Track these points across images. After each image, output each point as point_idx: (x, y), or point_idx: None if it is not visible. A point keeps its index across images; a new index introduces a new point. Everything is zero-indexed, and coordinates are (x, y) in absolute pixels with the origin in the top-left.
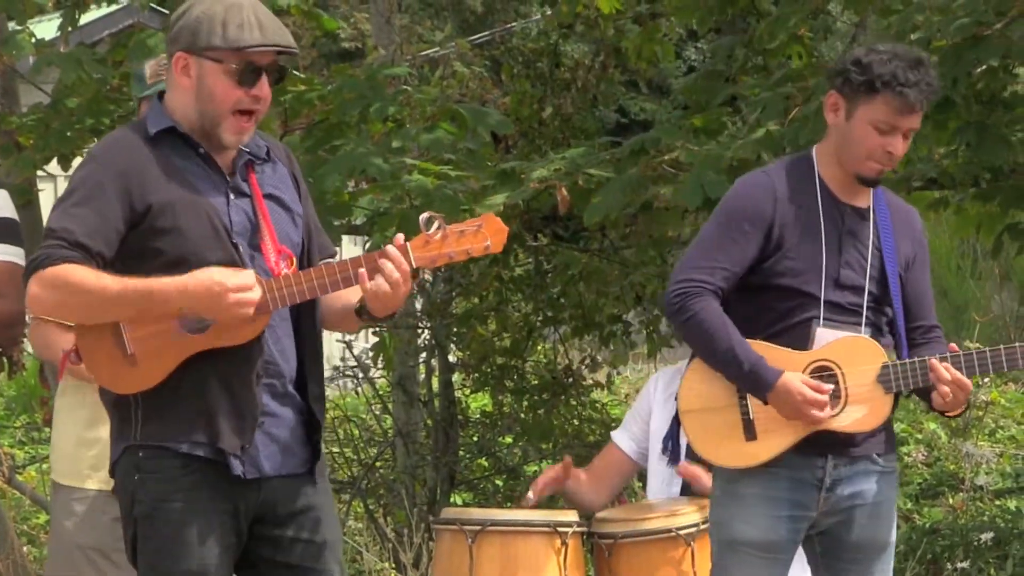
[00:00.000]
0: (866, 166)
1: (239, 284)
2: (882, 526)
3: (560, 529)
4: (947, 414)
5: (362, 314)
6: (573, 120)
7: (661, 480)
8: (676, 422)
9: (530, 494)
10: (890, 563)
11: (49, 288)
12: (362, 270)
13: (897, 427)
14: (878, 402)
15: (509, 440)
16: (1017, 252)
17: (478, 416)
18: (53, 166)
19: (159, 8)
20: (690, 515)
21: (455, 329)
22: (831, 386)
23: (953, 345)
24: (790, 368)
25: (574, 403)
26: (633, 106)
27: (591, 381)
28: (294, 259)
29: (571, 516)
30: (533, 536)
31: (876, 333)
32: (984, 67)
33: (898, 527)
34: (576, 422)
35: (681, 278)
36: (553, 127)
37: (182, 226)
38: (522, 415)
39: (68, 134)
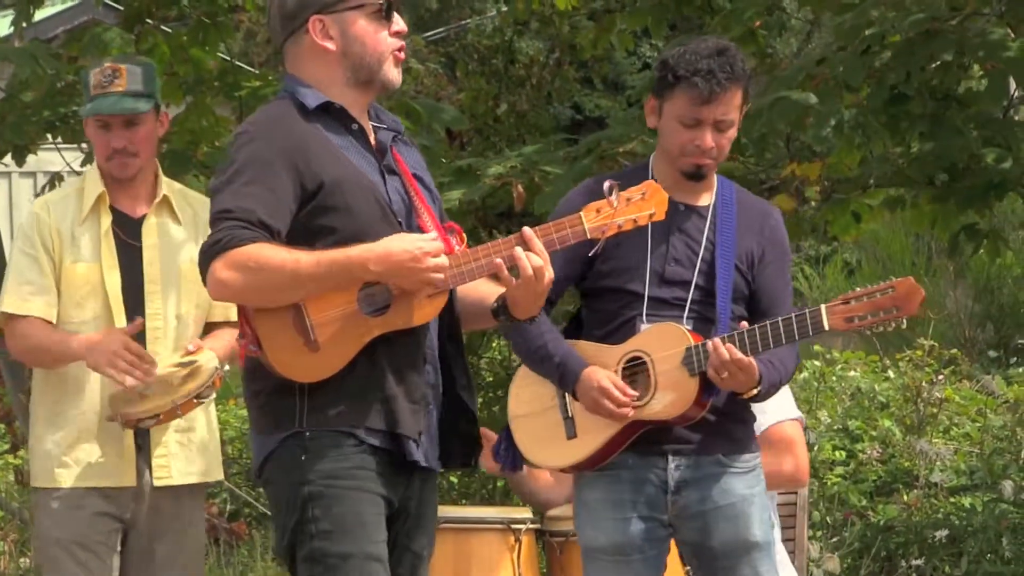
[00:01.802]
0: (681, 162)
1: (437, 248)
2: (742, 525)
3: (514, 526)
4: (742, 395)
5: (499, 315)
6: (528, 117)
7: None
8: (507, 430)
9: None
10: (764, 563)
11: (240, 270)
12: (500, 260)
13: (852, 424)
14: (685, 386)
15: None
16: (973, 252)
17: None
18: (7, 160)
19: (114, 5)
20: None
21: None
22: (635, 393)
23: (744, 323)
24: (604, 362)
25: None
26: (588, 103)
27: None
28: (463, 235)
29: (525, 513)
30: (487, 533)
31: (702, 324)
32: (938, 62)
33: (852, 523)
34: None
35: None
36: (508, 124)
37: (351, 204)
38: (477, 412)
39: (24, 128)
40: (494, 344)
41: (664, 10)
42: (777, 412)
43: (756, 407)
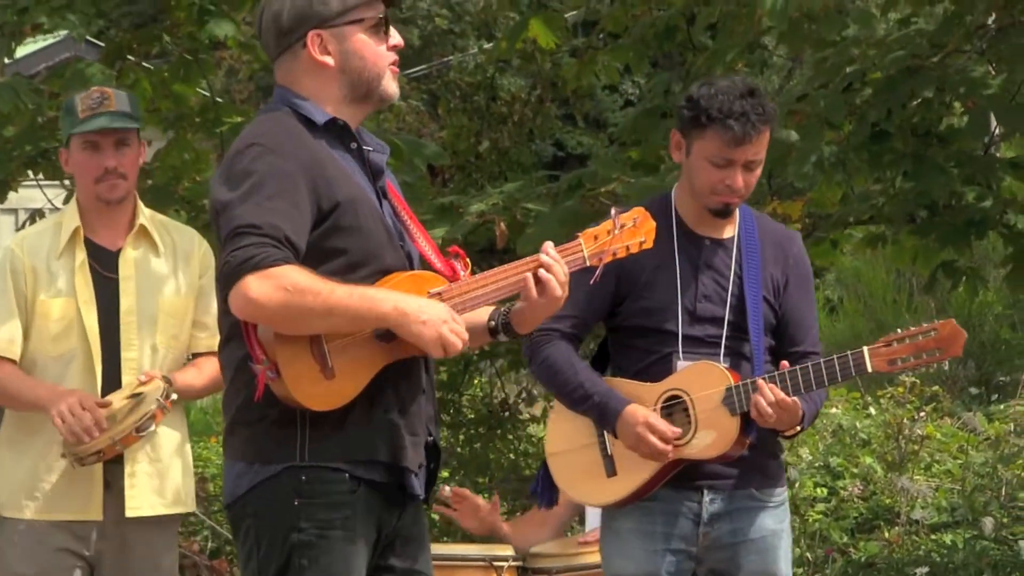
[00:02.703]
0: (710, 200)
1: (460, 322)
2: (769, 560)
3: (496, 563)
4: (784, 434)
5: (498, 332)
6: (510, 154)
7: (598, 513)
8: (544, 466)
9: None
10: None
11: (275, 290)
12: (529, 274)
13: (833, 461)
14: (725, 425)
15: (446, 474)
16: (951, 288)
17: None
18: None
19: (95, 41)
20: None
21: None
22: (677, 430)
23: (784, 363)
24: (642, 400)
25: (510, 437)
26: (570, 140)
27: (527, 415)
28: (468, 260)
29: (507, 551)
30: (469, 571)
31: (738, 360)
32: (919, 100)
33: (834, 560)
34: (512, 456)
35: (535, 331)
36: (490, 161)
37: (364, 225)
38: (459, 449)
39: (5, 163)
40: (476, 381)
41: (645, 47)
42: None
43: None
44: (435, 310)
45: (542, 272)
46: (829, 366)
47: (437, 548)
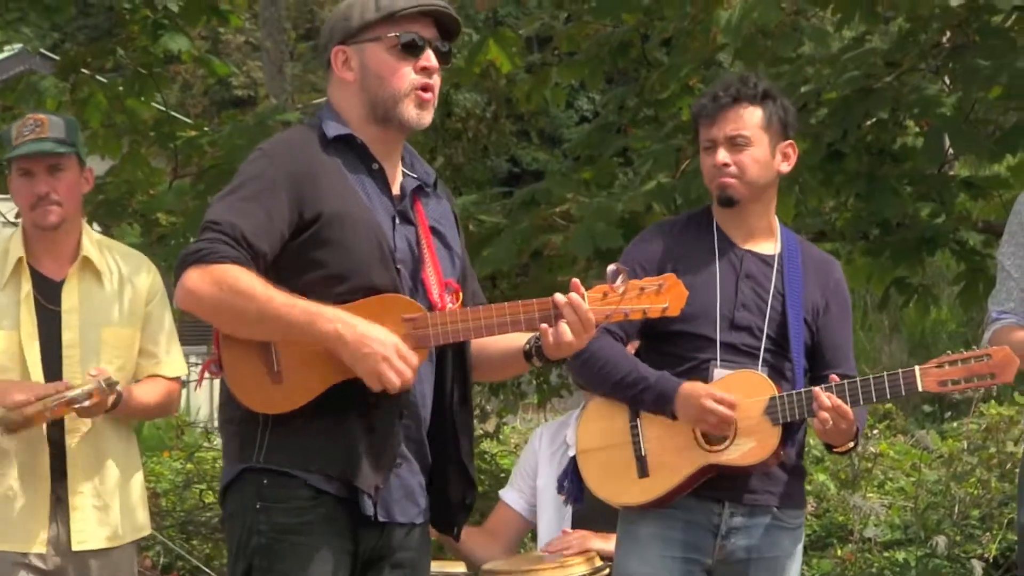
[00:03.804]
0: (712, 188)
1: (407, 359)
2: None
3: None
4: (835, 450)
5: (532, 357)
6: (465, 170)
7: (551, 531)
8: (573, 462)
9: None
10: None
11: (211, 285)
12: (544, 325)
13: None
14: (766, 434)
15: None
16: (903, 305)
17: None
18: None
19: (50, 55)
20: (578, 567)
21: None
22: (734, 398)
23: (834, 376)
24: None
25: (478, 449)
26: (525, 156)
27: (480, 431)
28: (460, 294)
29: (459, 568)
30: None
31: (775, 375)
32: (874, 119)
33: None
34: (481, 463)
35: None
36: (445, 177)
37: (349, 241)
38: None
39: None
40: None
41: (600, 63)
42: None
43: None
44: (380, 344)
45: (565, 309)
46: (879, 382)
47: None
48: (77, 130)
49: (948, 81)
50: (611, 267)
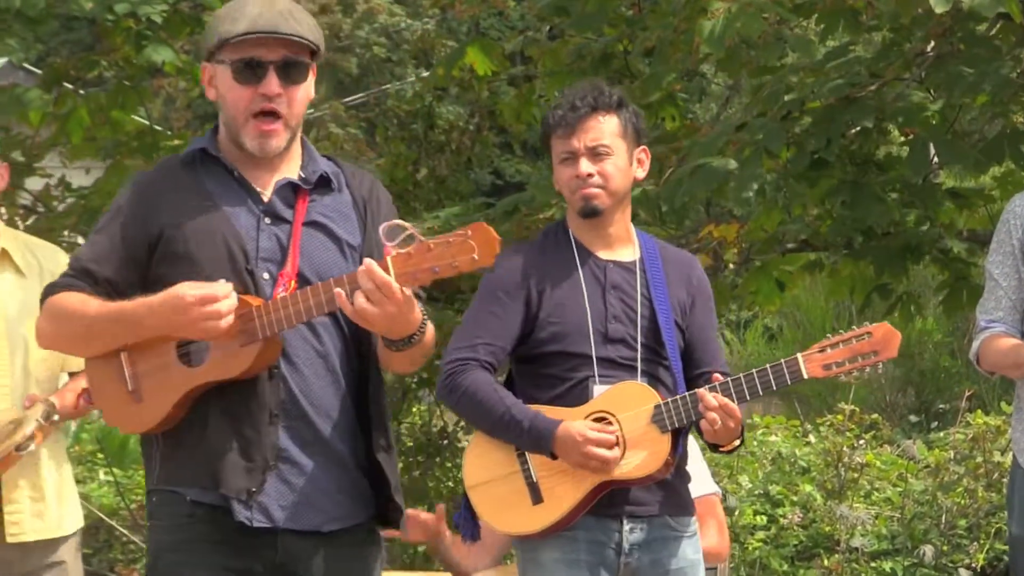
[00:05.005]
0: (575, 201)
1: (203, 295)
2: None
3: None
4: (721, 449)
5: (386, 343)
6: (448, 182)
7: None
8: (465, 499)
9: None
10: None
11: (47, 318)
12: (338, 289)
13: (773, 489)
14: (656, 443)
15: None
16: (886, 312)
17: None
18: None
19: (33, 69)
20: None
21: None
22: (613, 427)
23: (717, 375)
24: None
25: (449, 465)
26: (508, 168)
27: (466, 443)
28: (293, 281)
29: None
30: None
31: (654, 382)
32: (858, 128)
33: None
34: (451, 484)
35: (447, 361)
36: (428, 189)
37: (192, 252)
38: None
39: None
40: (415, 409)
41: (582, 75)
42: (695, 487)
43: None
44: (178, 298)
45: (359, 276)
46: (763, 375)
47: None
48: None
49: (932, 91)
50: (384, 225)
